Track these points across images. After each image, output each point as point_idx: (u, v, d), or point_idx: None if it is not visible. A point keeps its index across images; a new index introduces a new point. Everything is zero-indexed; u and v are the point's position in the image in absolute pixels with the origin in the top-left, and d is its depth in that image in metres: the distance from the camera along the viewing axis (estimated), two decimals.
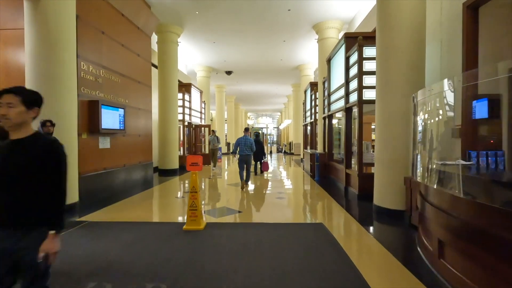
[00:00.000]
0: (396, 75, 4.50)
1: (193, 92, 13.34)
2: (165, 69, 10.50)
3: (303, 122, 15.23)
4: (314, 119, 11.76)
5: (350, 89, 6.55)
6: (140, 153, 8.23)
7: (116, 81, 6.90)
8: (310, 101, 12.54)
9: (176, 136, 10.83)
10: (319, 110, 10.42)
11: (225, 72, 17.33)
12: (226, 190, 7.45)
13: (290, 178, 10.04)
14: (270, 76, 18.61)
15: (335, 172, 8.10)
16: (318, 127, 10.43)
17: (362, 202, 5.70)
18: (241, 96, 26.78)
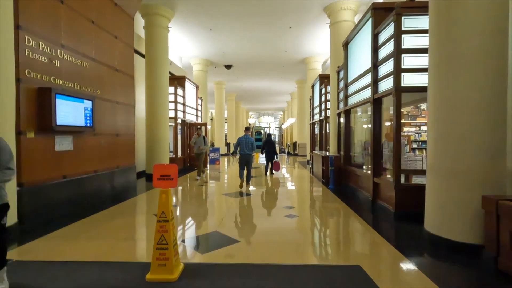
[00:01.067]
0: (469, 46, 3.05)
1: (188, 87, 11.92)
2: (154, 58, 9.08)
3: (310, 120, 13.78)
4: (324, 116, 10.31)
5: (380, 75, 5.10)
6: (119, 155, 6.81)
7: (83, 66, 5.48)
8: (320, 96, 11.09)
9: (167, 136, 9.42)
10: (331, 105, 8.98)
11: (224, 66, 15.90)
12: (220, 203, 6.00)
13: (299, 185, 8.59)
14: (273, 71, 17.17)
15: (355, 179, 6.66)
16: (331, 125, 8.98)
17: (402, 224, 4.24)
18: (242, 93, 25.36)
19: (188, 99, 11.94)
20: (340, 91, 8.05)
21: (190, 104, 12.23)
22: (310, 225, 4.53)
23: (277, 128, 50.10)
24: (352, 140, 7.43)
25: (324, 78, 10.58)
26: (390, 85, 4.64)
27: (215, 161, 13.75)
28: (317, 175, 9.43)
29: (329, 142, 9.47)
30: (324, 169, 7.95)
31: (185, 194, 7.11)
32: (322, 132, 11.14)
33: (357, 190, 6.39)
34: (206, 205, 5.94)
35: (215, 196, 6.75)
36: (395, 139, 4.45)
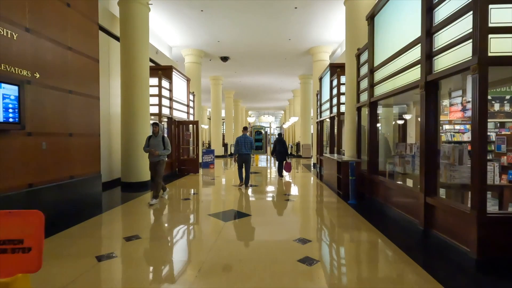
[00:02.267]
0: None
1: (176, 79, 10.26)
2: (130, 41, 7.42)
3: (317, 118, 12.11)
4: (336, 113, 8.64)
5: (440, 45, 3.43)
6: (75, 162, 5.15)
7: (6, 35, 3.83)
8: (330, 90, 9.42)
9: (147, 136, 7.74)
10: (347, 99, 7.32)
11: (220, 58, 14.25)
12: (202, 234, 4.33)
13: (309, 198, 6.92)
14: (275, 64, 15.51)
15: (387, 194, 5.00)
16: (347, 122, 7.32)
17: (495, 282, 2.58)
18: (240, 91, 23.70)
19: (176, 94, 10.28)
20: (361, 80, 6.38)
21: (179, 99, 10.57)
22: (340, 277, 2.86)
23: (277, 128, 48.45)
24: (378, 141, 5.76)
25: (336, 68, 8.91)
26: (463, 57, 2.97)
27: (209, 164, 12.09)
28: (329, 183, 7.77)
29: (344, 144, 7.82)
30: (342, 178, 6.28)
31: (158, 216, 5.45)
32: (332, 132, 9.47)
33: (391, 209, 4.73)
34: (178, 238, 4.27)
35: (198, 216, 5.08)
36: (477, 138, 2.77)
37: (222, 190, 7.65)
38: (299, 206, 5.76)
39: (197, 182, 8.73)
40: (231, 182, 8.65)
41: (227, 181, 9.05)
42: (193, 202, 5.98)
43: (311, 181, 9.26)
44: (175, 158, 10.25)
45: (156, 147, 5.97)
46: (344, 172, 6.22)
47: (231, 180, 9.22)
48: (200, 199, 6.44)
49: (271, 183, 8.65)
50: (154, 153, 5.87)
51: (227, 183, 8.61)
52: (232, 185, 7.99)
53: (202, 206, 5.83)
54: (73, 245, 3.58)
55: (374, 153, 5.67)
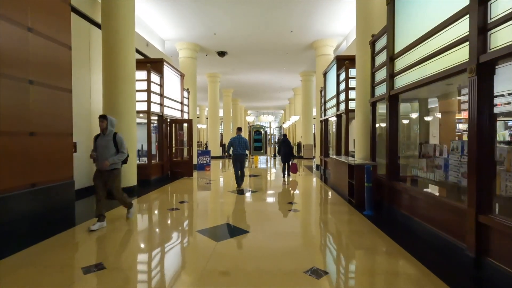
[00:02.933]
0: None
1: (168, 73, 9.39)
2: (113, 28, 6.55)
3: (321, 116, 11.26)
4: (345, 110, 7.78)
5: (499, 13, 2.58)
6: (38, 167, 4.29)
7: None
8: (337, 85, 8.57)
9: (133, 135, 6.90)
10: (358, 93, 6.48)
11: (217, 53, 13.38)
12: (186, 261, 3.46)
13: (316, 207, 6.07)
14: (275, 60, 14.65)
15: (413, 204, 4.14)
16: (358, 120, 6.47)
17: None
18: (239, 89, 22.86)
19: (168, 90, 9.41)
20: (377, 70, 5.52)
21: (171, 95, 9.69)
22: None
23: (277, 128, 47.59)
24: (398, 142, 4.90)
25: (344, 61, 8.07)
26: None
27: (205, 166, 11.22)
28: (337, 189, 6.91)
29: (354, 144, 6.96)
30: (355, 184, 5.41)
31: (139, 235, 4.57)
32: (339, 131, 8.62)
33: (420, 224, 3.87)
34: (155, 265, 3.40)
35: (184, 234, 4.21)
36: None
37: (217, 196, 6.79)
38: (306, 218, 4.89)
39: (190, 187, 7.86)
40: (228, 187, 7.79)
41: (223, 185, 8.18)
42: (181, 213, 5.11)
43: (316, 185, 8.40)
44: (167, 159, 9.38)
45: (105, 150, 4.25)
46: (358, 178, 5.36)
47: (228, 184, 8.36)
48: (190, 208, 5.57)
49: (272, 187, 7.79)
50: (104, 164, 4.21)
51: (224, 188, 7.74)
52: (228, 191, 7.13)
53: (191, 218, 4.96)
54: (5, 277, 2.71)
55: (394, 156, 4.81)
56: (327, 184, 8.11)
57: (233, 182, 8.41)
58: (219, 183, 8.64)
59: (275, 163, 15.51)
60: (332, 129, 9.99)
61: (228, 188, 7.57)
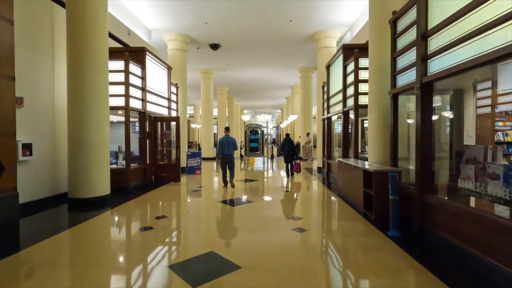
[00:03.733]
0: None
1: (152, 65, 8.29)
2: (80, 6, 5.43)
3: (324, 114, 10.23)
4: (354, 106, 6.75)
5: None
6: None
7: None
8: (344, 78, 7.53)
9: (105, 136, 5.79)
10: (372, 85, 5.45)
11: (210, 45, 12.29)
12: None
13: (325, 223, 5.02)
14: (272, 54, 13.59)
15: (458, 225, 3.10)
16: (372, 117, 5.44)
17: None
18: (234, 87, 21.77)
19: (152, 83, 8.31)
20: (400, 55, 4.47)
21: (156, 90, 8.59)
22: None
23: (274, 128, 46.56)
24: (432, 143, 3.85)
25: (352, 50, 7.05)
26: None
27: (195, 170, 10.12)
28: (346, 197, 5.87)
29: (368, 145, 5.94)
30: (374, 196, 4.35)
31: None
32: (346, 130, 7.58)
33: (471, 253, 2.83)
34: None
35: (151, 272, 3.12)
36: None
37: (204, 209, 5.69)
38: (316, 244, 3.81)
39: (174, 196, 6.77)
40: (219, 195, 6.72)
41: (214, 193, 7.09)
42: (154, 235, 4.02)
43: (320, 191, 7.35)
44: (151, 163, 8.27)
45: None
46: (379, 188, 4.31)
47: (220, 191, 7.29)
48: (168, 227, 4.49)
49: (271, 195, 6.72)
50: None
51: (214, 197, 6.65)
52: (218, 201, 6.06)
53: (166, 243, 3.87)
54: None
55: (428, 161, 3.76)
56: (332, 190, 7.06)
57: (225, 189, 7.35)
58: (209, 190, 7.55)
59: (272, 164, 14.45)
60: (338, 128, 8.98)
61: (219, 197, 6.49)
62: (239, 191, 7.16)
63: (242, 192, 6.97)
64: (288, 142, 9.55)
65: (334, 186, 7.73)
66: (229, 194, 6.78)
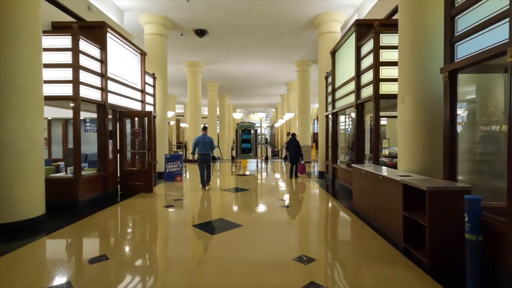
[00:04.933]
0: None
1: (116, 47, 6.63)
2: None
3: (328, 109, 8.71)
4: (374, 95, 5.20)
5: None
6: None
7: None
8: (357, 62, 6.00)
9: (35, 135, 4.14)
10: (404, 66, 3.94)
11: (195, 32, 10.65)
12: None
13: (347, 267, 3.43)
14: (267, 44, 11.99)
15: None
16: (404, 109, 3.91)
17: None
18: (226, 83, 20.14)
19: (118, 70, 6.66)
20: (469, 8, 2.93)
21: (124, 78, 6.93)
22: None
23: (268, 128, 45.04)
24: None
25: (369, 26, 5.56)
26: None
27: (175, 176, 8.47)
28: (369, 218, 4.32)
29: (397, 147, 4.43)
30: (429, 229, 2.78)
31: None
32: (359, 127, 6.05)
33: None
34: None
35: None
36: None
37: (173, 239, 4.03)
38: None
39: (135, 216, 5.13)
40: (197, 214, 5.11)
41: (193, 209, 5.47)
42: (96, 280, 2.41)
43: (328, 206, 5.81)
44: (115, 169, 6.60)
45: None
46: (438, 216, 2.74)
47: (199, 207, 5.68)
48: (105, 276, 2.86)
49: (267, 214, 5.12)
50: None
51: (189, 217, 5.03)
52: (195, 224, 4.44)
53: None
54: None
55: None
56: (342, 202, 5.50)
57: (208, 204, 5.77)
58: (186, 205, 5.92)
59: (267, 167, 12.87)
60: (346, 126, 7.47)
61: (196, 217, 4.88)
62: (226, 206, 5.56)
63: (230, 208, 5.37)
64: (293, 143, 9.25)
65: (343, 196, 6.20)
66: (211, 210, 5.19)
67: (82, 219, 4.57)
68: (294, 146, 9.17)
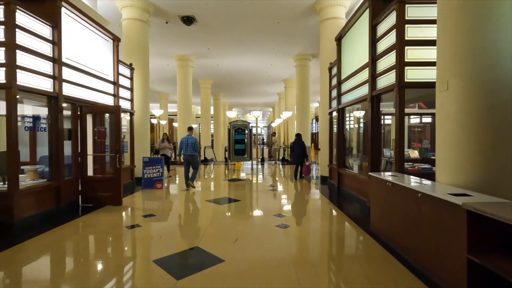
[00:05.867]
0: None
1: (76, 27, 5.43)
2: None
3: (331, 106, 7.58)
4: (397, 83, 4.04)
5: None
6: None
7: None
8: (373, 45, 4.85)
9: None
10: (454, 36, 2.76)
11: (181, 19, 9.45)
12: None
13: None
14: (263, 34, 10.79)
15: None
16: (448, 99, 2.75)
17: None
18: (220, 80, 18.94)
19: (80, 56, 5.46)
20: None
21: (88, 67, 5.72)
22: None
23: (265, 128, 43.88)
24: None
25: (386, 0, 4.41)
26: None
27: (154, 183, 7.26)
28: (400, 250, 3.17)
29: (436, 151, 3.28)
30: None
31: None
32: (373, 125, 4.89)
33: None
34: None
35: None
36: None
37: (125, 279, 2.87)
38: None
39: (89, 240, 3.93)
40: (169, 240, 3.92)
41: (163, 231, 4.28)
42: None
43: (334, 222, 4.65)
44: (75, 176, 5.39)
45: None
46: None
47: (176, 226, 4.50)
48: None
49: (257, 242, 3.93)
50: None
51: (156, 247, 3.82)
52: (159, 259, 3.25)
53: None
54: None
55: None
56: (355, 221, 4.36)
57: (185, 222, 4.59)
58: (159, 222, 4.72)
59: (263, 171, 11.69)
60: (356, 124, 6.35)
61: (167, 245, 3.69)
62: (207, 227, 4.38)
63: (211, 230, 4.18)
64: (299, 143, 9.12)
65: (354, 210, 5.06)
66: (186, 233, 4.01)
67: (30, 238, 3.38)
68: (299, 147, 9.02)
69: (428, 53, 3.86)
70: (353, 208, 5.37)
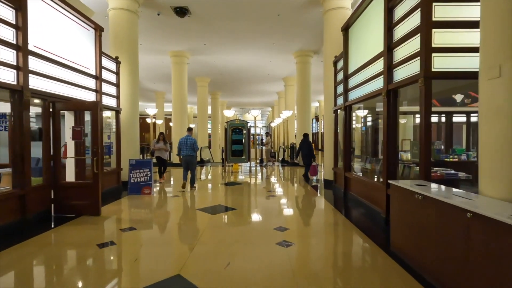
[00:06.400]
0: None
1: (49, 11, 4.75)
2: None
3: (337, 103, 6.91)
4: (424, 73, 3.37)
5: None
6: None
7: None
8: (388, 30, 4.18)
9: None
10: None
11: (174, 10, 8.76)
12: None
13: None
14: (261, 28, 10.11)
15: None
16: (500, 89, 2.07)
17: None
18: (217, 78, 18.25)
19: (52, 44, 4.78)
20: None
21: (62, 57, 5.04)
22: None
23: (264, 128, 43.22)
24: None
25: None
26: None
27: (142, 188, 6.57)
28: (429, 279, 2.52)
29: (480, 157, 2.58)
30: None
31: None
32: (389, 124, 4.21)
33: None
34: None
35: None
36: None
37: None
38: None
39: (47, 263, 3.26)
40: (152, 258, 3.25)
41: (141, 251, 3.60)
42: None
43: (345, 238, 3.99)
44: (47, 183, 4.71)
45: None
46: None
47: (158, 245, 3.83)
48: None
49: (255, 269, 3.26)
50: None
51: (136, 260, 3.15)
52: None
53: None
54: None
55: None
56: (369, 235, 3.70)
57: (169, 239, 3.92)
58: (139, 238, 4.04)
59: (262, 174, 11.00)
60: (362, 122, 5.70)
61: (141, 272, 3.02)
62: (194, 246, 3.70)
63: (199, 250, 3.50)
64: (306, 143, 9.04)
65: (365, 221, 4.41)
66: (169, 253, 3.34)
67: None
68: (307, 147, 8.90)
69: (462, 37, 3.20)
70: (363, 217, 4.70)
